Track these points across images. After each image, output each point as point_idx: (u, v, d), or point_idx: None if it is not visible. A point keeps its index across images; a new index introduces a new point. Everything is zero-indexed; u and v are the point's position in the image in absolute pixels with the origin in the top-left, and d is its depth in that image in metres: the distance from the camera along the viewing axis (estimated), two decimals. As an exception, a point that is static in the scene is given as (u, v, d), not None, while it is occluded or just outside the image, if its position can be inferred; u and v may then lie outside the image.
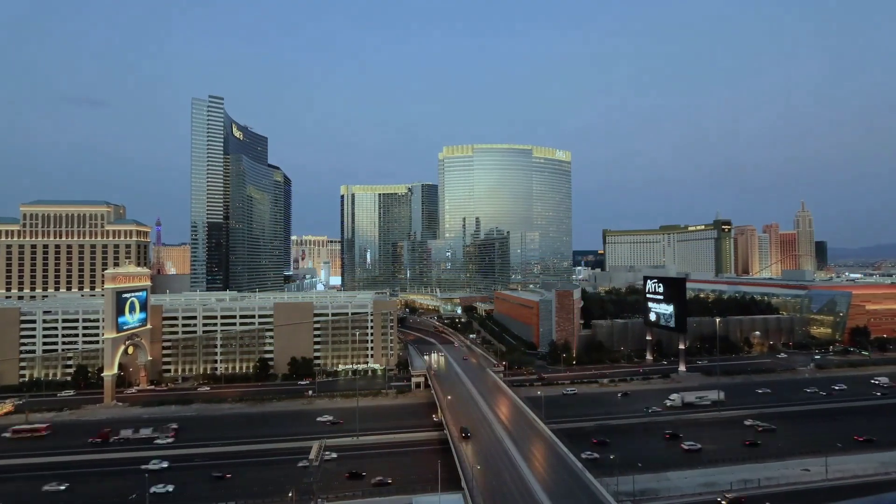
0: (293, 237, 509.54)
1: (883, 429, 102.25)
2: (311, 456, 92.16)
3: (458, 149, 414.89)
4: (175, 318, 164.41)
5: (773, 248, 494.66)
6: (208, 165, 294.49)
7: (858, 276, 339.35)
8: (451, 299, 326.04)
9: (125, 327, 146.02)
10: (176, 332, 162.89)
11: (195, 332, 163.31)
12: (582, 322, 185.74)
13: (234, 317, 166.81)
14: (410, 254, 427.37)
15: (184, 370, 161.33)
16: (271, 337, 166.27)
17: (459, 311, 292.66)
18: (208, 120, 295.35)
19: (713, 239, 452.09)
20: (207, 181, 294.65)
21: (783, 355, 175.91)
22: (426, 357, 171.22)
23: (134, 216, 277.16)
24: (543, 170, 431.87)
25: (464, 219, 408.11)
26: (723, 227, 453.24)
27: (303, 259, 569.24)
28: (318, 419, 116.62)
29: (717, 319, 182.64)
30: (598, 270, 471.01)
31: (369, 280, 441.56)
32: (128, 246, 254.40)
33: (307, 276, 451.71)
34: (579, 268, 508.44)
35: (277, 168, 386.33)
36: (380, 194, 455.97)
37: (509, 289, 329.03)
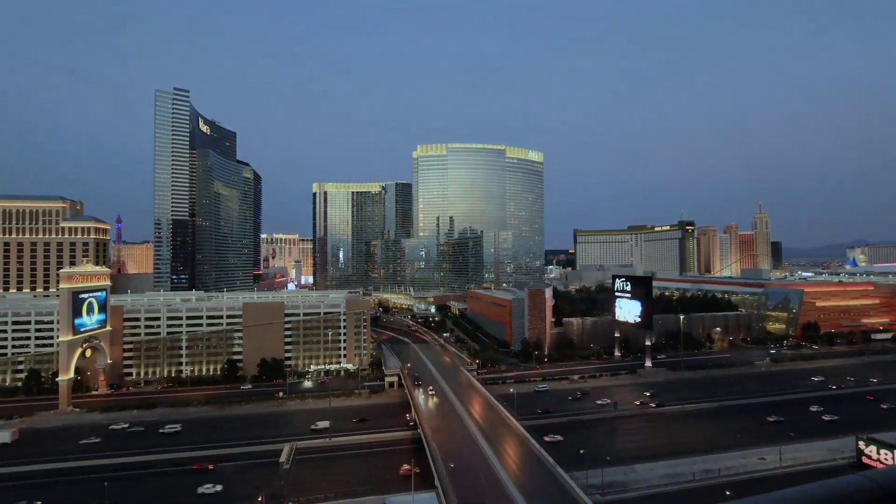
0: (263, 235, 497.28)
1: (842, 416, 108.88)
2: (282, 459, 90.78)
3: (432, 148, 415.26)
4: (137, 319, 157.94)
5: (733, 248, 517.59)
6: (173, 160, 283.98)
7: (810, 274, 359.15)
8: (424, 298, 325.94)
9: (82, 329, 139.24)
10: (138, 334, 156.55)
11: (159, 333, 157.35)
12: (553, 320, 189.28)
13: (200, 317, 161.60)
14: (384, 253, 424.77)
15: (147, 373, 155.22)
16: (240, 338, 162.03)
17: (433, 309, 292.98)
18: (173, 113, 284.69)
19: (678, 239, 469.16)
20: (172, 177, 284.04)
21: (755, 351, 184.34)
22: (400, 356, 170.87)
23: (92, 213, 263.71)
24: (516, 170, 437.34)
25: (438, 218, 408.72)
26: (687, 227, 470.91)
27: (273, 258, 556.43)
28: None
29: (682, 317, 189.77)
30: (569, 269, 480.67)
31: (342, 279, 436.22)
32: (85, 244, 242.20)
33: (278, 276, 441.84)
34: (551, 267, 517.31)
35: (247, 164, 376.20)
36: (353, 192, 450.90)
37: (483, 288, 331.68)
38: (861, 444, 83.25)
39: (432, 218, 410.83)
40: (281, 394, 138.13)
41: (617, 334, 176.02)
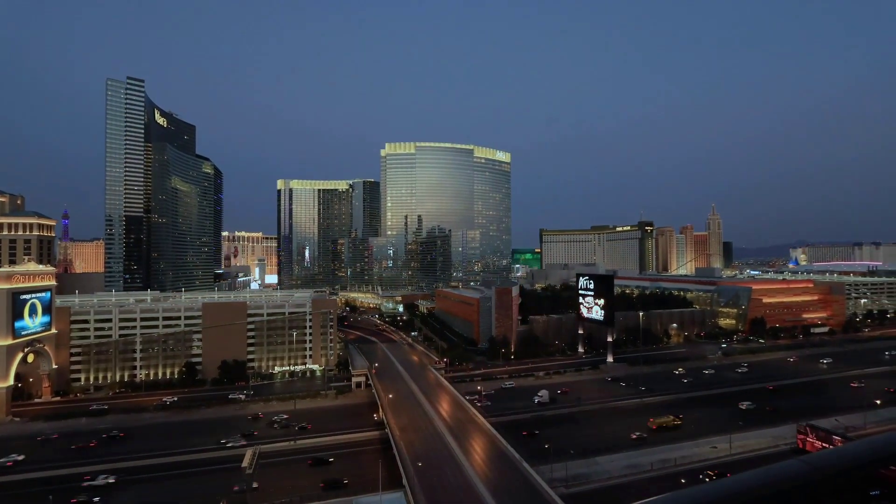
0: (224, 233, 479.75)
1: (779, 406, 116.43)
2: (245, 464, 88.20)
3: (401, 146, 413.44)
4: (86, 321, 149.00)
5: (689, 248, 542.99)
6: (126, 153, 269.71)
7: (757, 273, 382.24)
8: (392, 297, 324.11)
9: (24, 332, 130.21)
10: (87, 337, 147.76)
11: (110, 336, 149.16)
12: (520, 318, 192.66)
13: (156, 319, 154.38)
14: (351, 251, 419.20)
15: (97, 378, 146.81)
16: (199, 339, 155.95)
17: (401, 308, 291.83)
18: (126, 103, 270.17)
19: (638, 239, 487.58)
20: (125, 171, 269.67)
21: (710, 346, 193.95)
22: (367, 356, 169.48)
23: (35, 207, 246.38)
24: (484, 170, 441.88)
25: (406, 216, 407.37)
26: (646, 227, 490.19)
27: (235, 256, 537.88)
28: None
29: (641, 313, 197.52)
30: (535, 268, 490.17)
31: (308, 278, 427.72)
32: (27, 241, 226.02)
33: (240, 275, 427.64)
34: (518, 265, 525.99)
35: (207, 159, 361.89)
36: (319, 190, 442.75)
37: (451, 286, 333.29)
38: (800, 431, 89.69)
39: (400, 216, 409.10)
40: (243, 396, 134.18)
41: (580, 331, 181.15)
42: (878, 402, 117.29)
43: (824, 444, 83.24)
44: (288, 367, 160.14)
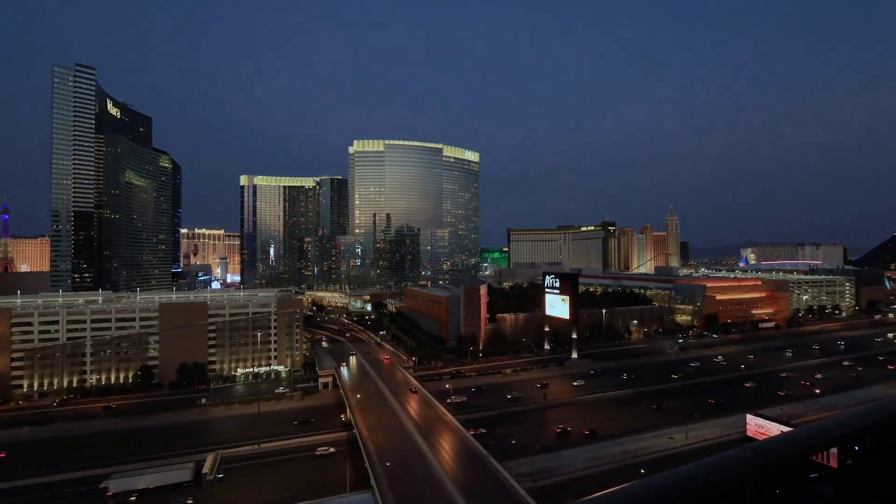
0: (183, 230, 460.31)
1: (728, 398, 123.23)
2: (205, 469, 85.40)
3: (369, 143, 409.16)
4: (29, 324, 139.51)
5: (648, 247, 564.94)
6: (75, 145, 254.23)
7: (711, 271, 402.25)
8: (360, 296, 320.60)
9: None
10: (31, 340, 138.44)
11: (57, 339, 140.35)
12: (488, 316, 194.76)
13: (108, 320, 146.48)
14: (318, 250, 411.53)
15: (41, 384, 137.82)
16: (156, 342, 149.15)
17: (369, 308, 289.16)
18: (75, 92, 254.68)
19: (601, 238, 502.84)
20: (74, 163, 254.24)
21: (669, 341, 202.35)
22: (335, 356, 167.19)
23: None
24: (453, 168, 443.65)
25: (374, 215, 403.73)
26: (609, 227, 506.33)
27: (195, 255, 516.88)
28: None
29: (604, 311, 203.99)
30: (503, 266, 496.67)
31: (273, 277, 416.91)
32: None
33: (200, 274, 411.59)
34: (486, 264, 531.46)
35: (164, 153, 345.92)
36: (285, 187, 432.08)
37: (419, 285, 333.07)
38: (749, 420, 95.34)
39: (369, 214, 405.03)
40: (204, 400, 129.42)
41: (547, 328, 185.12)
42: (818, 391, 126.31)
43: (770, 432, 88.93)
44: (251, 369, 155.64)
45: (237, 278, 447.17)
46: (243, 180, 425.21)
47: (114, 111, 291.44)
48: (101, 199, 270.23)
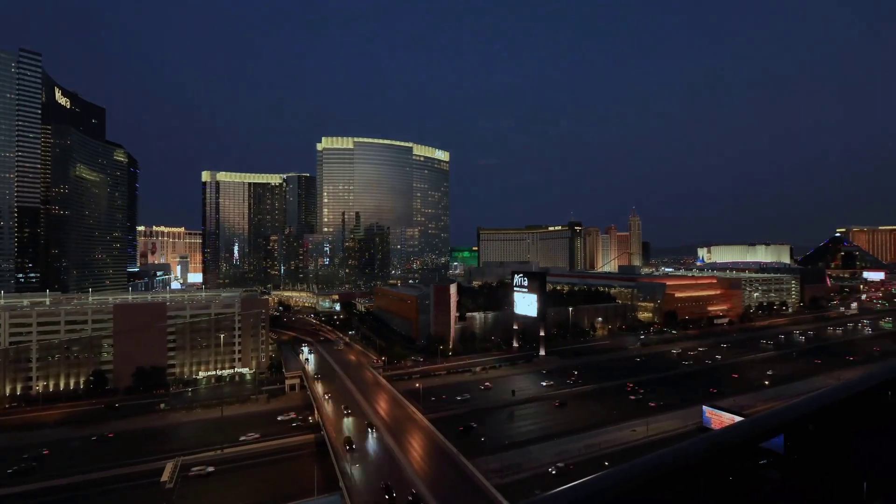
0: (140, 227, 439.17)
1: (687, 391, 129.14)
2: (164, 477, 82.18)
3: (338, 140, 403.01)
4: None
5: (613, 247, 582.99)
6: (19, 136, 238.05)
7: (671, 270, 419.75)
8: (329, 296, 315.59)
9: None
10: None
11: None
12: (458, 315, 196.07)
13: (57, 323, 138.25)
14: (285, 249, 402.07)
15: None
16: (110, 345, 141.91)
17: (338, 307, 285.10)
18: (19, 79, 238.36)
19: (568, 238, 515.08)
20: (18, 155, 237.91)
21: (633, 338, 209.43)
22: (302, 357, 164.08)
23: None
24: (423, 167, 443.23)
25: (343, 213, 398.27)
26: (575, 227, 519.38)
27: (153, 253, 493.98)
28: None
29: (570, 308, 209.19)
30: (472, 265, 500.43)
31: (237, 277, 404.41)
32: None
33: (159, 273, 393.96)
34: (456, 263, 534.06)
35: (119, 146, 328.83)
36: (250, 183, 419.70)
37: (389, 284, 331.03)
38: (705, 411, 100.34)
39: (337, 213, 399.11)
40: (163, 405, 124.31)
41: (515, 326, 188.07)
42: (767, 382, 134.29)
43: (724, 422, 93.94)
44: (214, 372, 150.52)
45: (199, 278, 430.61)
46: (205, 176, 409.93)
47: (63, 101, 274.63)
48: (49, 193, 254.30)
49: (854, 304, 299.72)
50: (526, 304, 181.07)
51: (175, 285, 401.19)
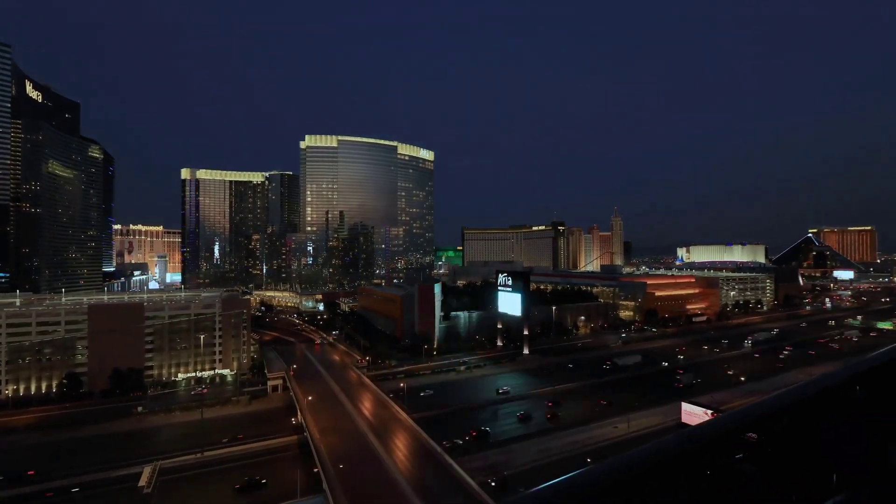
0: (117, 226, 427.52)
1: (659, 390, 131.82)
2: (142, 482, 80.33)
3: (322, 139, 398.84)
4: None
5: (595, 246, 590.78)
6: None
7: (651, 269, 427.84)
8: (312, 296, 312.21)
9: None
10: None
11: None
12: (442, 314, 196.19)
13: (28, 324, 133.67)
14: (268, 248, 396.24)
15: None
16: (85, 347, 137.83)
17: (321, 307, 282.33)
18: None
19: (551, 238, 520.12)
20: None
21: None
22: (285, 357, 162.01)
23: None
24: (408, 167, 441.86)
25: (327, 212, 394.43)
26: (558, 227, 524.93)
27: (130, 252, 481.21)
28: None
29: (554, 307, 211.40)
30: (457, 265, 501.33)
31: (218, 276, 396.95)
32: None
33: (136, 273, 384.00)
34: (441, 262, 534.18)
35: (94, 142, 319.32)
36: (231, 181, 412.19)
37: (374, 284, 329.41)
38: (684, 408, 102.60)
39: (321, 212, 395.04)
40: (140, 408, 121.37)
41: (499, 325, 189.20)
42: (743, 378, 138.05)
43: (702, 418, 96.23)
44: (194, 374, 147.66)
45: (178, 278, 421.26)
46: (185, 173, 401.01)
47: (34, 94, 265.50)
48: (20, 190, 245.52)
49: (827, 302, 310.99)
50: (510, 303, 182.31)
51: (153, 285, 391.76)
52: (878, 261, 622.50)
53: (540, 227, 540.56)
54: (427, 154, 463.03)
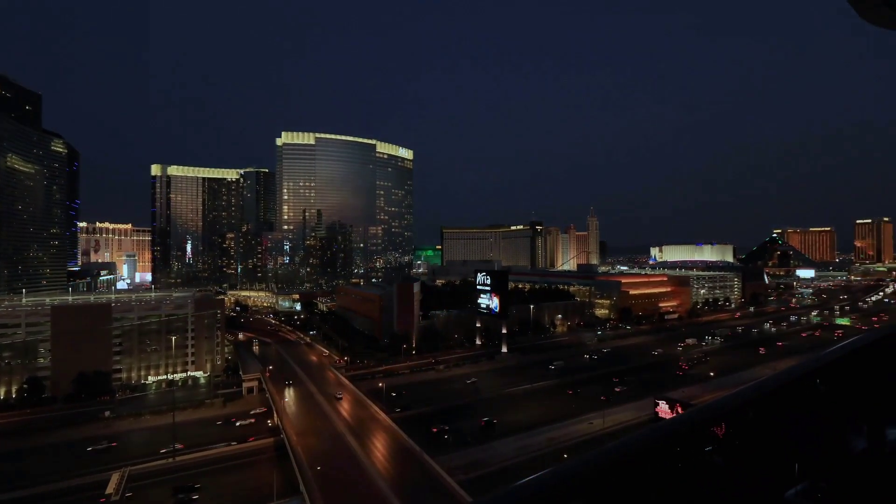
0: (82, 224, 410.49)
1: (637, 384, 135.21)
2: (110, 490, 77.59)
3: (299, 135, 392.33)
4: None
5: (572, 246, 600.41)
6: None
7: (626, 268, 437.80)
8: (289, 295, 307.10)
9: None
10: None
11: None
12: (421, 313, 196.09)
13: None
14: (243, 247, 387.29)
15: None
16: (48, 350, 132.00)
17: (299, 307, 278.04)
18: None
19: (529, 237, 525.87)
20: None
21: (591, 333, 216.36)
22: (261, 359, 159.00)
23: None
24: (386, 165, 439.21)
25: (304, 210, 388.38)
26: (536, 227, 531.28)
27: (96, 251, 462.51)
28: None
29: (532, 306, 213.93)
30: (436, 264, 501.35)
31: (190, 276, 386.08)
32: None
33: (103, 272, 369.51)
34: (420, 262, 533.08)
35: (58, 136, 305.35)
36: (204, 178, 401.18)
37: (352, 283, 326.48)
38: (657, 402, 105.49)
39: (298, 210, 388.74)
40: (108, 413, 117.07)
41: (478, 324, 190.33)
42: (712, 374, 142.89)
43: (674, 412, 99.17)
44: (165, 376, 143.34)
45: (148, 277, 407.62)
46: (155, 170, 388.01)
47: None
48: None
49: (792, 300, 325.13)
50: (489, 302, 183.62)
51: (121, 285, 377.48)
52: (837, 260, 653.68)
53: (518, 227, 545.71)
54: (406, 153, 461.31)
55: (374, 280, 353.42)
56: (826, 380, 5.85)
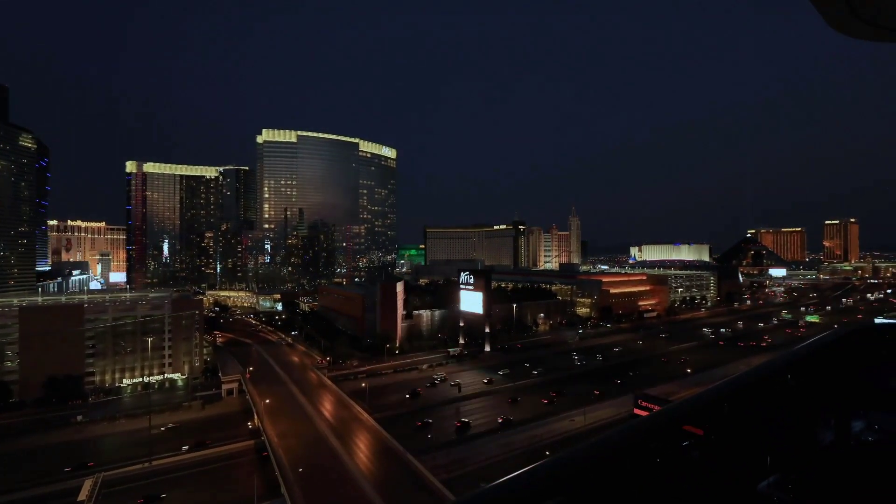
0: (52, 222, 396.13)
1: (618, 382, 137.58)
2: (83, 497, 75.32)
3: (280, 133, 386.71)
4: None
5: (554, 245, 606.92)
6: None
7: (606, 267, 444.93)
8: (270, 295, 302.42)
9: None
10: None
11: None
12: (405, 313, 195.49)
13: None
14: (222, 246, 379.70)
15: None
16: (15, 352, 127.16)
17: (280, 307, 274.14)
18: None
19: (512, 237, 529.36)
20: None
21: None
22: (241, 360, 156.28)
23: None
24: (370, 164, 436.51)
25: (286, 209, 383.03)
26: (519, 226, 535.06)
27: (68, 251, 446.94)
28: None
29: (514, 305, 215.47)
30: (419, 263, 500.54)
31: (167, 276, 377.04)
32: None
33: (75, 272, 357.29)
34: (403, 261, 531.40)
35: (26, 130, 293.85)
36: (182, 176, 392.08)
37: (334, 283, 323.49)
38: (636, 399, 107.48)
39: (279, 209, 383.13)
40: (80, 417, 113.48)
41: (461, 324, 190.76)
42: (689, 371, 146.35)
43: (653, 409, 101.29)
44: (141, 379, 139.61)
45: (123, 277, 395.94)
46: (130, 167, 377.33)
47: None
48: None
49: (768, 297, 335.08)
50: (472, 301, 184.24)
51: (95, 285, 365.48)
52: (807, 259, 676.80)
53: (501, 227, 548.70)
54: (390, 152, 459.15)
55: (356, 280, 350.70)
56: (796, 375, 6.14)
